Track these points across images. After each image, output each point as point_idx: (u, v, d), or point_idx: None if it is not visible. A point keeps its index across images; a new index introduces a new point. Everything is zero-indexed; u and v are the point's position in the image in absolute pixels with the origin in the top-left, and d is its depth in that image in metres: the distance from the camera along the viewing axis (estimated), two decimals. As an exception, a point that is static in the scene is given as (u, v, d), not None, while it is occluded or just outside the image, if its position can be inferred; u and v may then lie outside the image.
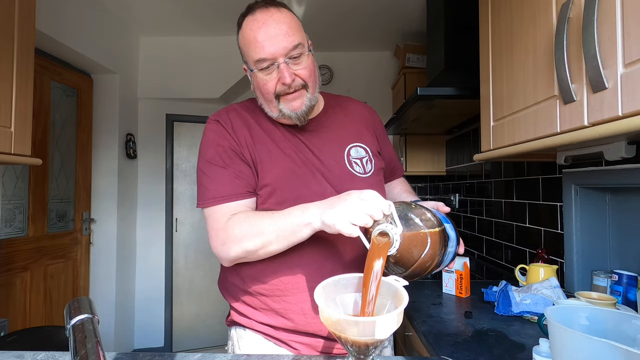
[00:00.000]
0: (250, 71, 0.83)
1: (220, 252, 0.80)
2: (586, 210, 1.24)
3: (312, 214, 0.70)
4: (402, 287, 0.60)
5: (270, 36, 0.76)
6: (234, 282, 0.90)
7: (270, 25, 0.77)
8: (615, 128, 0.62)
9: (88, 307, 0.49)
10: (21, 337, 1.37)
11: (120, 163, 2.72)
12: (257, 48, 0.77)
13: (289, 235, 0.73)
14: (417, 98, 1.58)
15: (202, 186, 0.85)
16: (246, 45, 0.80)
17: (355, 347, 0.54)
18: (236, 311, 0.91)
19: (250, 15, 0.80)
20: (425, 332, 0.98)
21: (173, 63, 2.96)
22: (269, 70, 0.79)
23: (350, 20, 2.66)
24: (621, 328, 0.52)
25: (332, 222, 0.65)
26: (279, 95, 0.81)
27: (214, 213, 0.82)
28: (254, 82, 0.84)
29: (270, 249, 0.76)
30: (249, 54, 0.80)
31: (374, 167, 0.92)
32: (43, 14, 1.92)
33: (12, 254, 2.00)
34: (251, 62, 0.80)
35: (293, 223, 0.72)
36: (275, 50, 0.77)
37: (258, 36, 0.77)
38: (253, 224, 0.76)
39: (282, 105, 0.82)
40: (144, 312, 2.96)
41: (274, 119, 0.88)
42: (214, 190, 0.82)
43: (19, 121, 1.13)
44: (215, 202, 0.81)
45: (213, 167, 0.84)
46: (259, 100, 0.88)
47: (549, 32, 0.82)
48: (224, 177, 0.83)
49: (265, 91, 0.82)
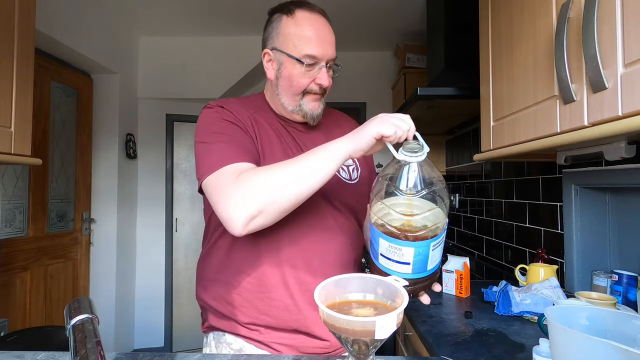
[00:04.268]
0: (292, 59, 0.81)
1: (235, 212, 0.69)
2: (586, 210, 1.24)
3: (339, 142, 0.69)
4: (402, 287, 0.60)
5: (326, 40, 0.82)
6: (217, 279, 0.87)
7: (326, 31, 0.83)
8: (615, 128, 0.62)
9: (88, 307, 0.49)
10: (21, 337, 1.37)
11: (120, 163, 2.72)
12: (311, 44, 0.81)
13: (317, 169, 0.68)
14: (417, 98, 1.58)
15: (207, 156, 0.78)
16: (298, 36, 0.81)
17: (356, 346, 0.54)
18: (216, 313, 0.88)
19: (307, 11, 0.83)
20: (425, 332, 0.99)
21: (173, 63, 2.96)
22: (310, 68, 0.82)
23: (350, 20, 2.66)
24: (621, 328, 0.52)
25: (360, 141, 0.66)
26: (305, 93, 0.85)
27: (221, 175, 0.73)
28: (285, 72, 0.84)
29: (291, 192, 0.68)
30: (299, 45, 0.81)
31: (360, 176, 0.93)
32: (43, 14, 1.92)
33: (12, 254, 2.00)
34: (298, 53, 0.81)
35: (320, 156, 0.69)
36: (325, 54, 0.82)
37: (316, 35, 0.81)
38: (271, 168, 0.71)
39: (304, 101, 0.85)
40: (144, 312, 2.96)
41: (287, 111, 0.88)
42: (222, 155, 0.76)
43: (19, 121, 1.13)
44: (226, 162, 0.74)
45: (219, 136, 0.79)
46: (276, 89, 0.87)
47: (549, 32, 0.82)
48: (234, 142, 0.79)
49: (296, 84, 0.83)
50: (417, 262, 0.68)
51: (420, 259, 0.68)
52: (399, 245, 0.66)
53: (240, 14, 2.59)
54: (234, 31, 2.86)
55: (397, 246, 0.67)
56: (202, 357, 0.73)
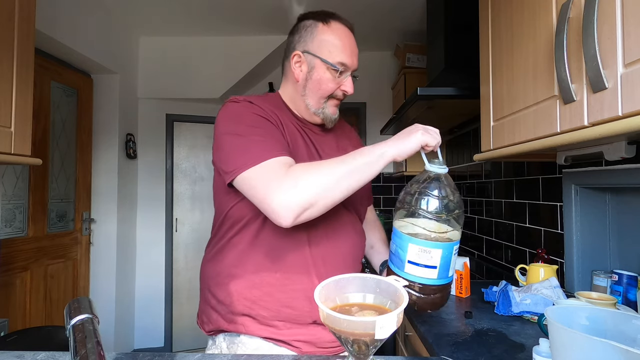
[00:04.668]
0: (326, 63, 0.87)
1: (288, 203, 0.71)
2: (586, 210, 1.24)
3: (384, 146, 0.75)
4: (402, 287, 0.60)
5: (355, 52, 0.91)
6: (234, 275, 0.87)
7: (354, 43, 0.92)
8: (615, 128, 0.62)
9: (88, 307, 0.49)
10: (21, 337, 1.37)
11: (120, 163, 2.72)
12: (345, 53, 0.88)
13: (363, 168, 0.74)
14: (417, 98, 1.58)
15: (243, 148, 0.78)
16: (334, 44, 0.88)
17: (356, 346, 0.54)
18: (230, 312, 0.87)
19: (341, 23, 0.91)
20: (425, 332, 0.98)
21: (173, 63, 2.96)
22: (340, 75, 0.89)
23: (351, 20, 2.66)
24: (621, 328, 0.52)
25: (406, 146, 0.75)
26: (330, 97, 0.91)
27: (269, 166, 0.75)
28: (316, 75, 0.89)
29: (342, 187, 0.73)
30: (335, 52, 0.88)
31: None
32: (43, 14, 1.92)
33: (12, 254, 2.00)
34: (333, 60, 0.87)
35: (366, 158, 0.74)
36: (354, 64, 0.91)
37: (349, 45, 0.90)
38: (323, 164, 0.75)
39: (326, 105, 0.92)
40: (144, 312, 2.96)
41: (309, 112, 0.93)
42: (264, 148, 0.77)
43: (19, 121, 1.13)
44: (271, 155, 0.76)
45: (254, 130, 0.80)
46: (303, 90, 0.91)
47: (549, 32, 0.82)
48: (272, 136, 0.81)
49: (325, 87, 0.89)
50: (442, 266, 0.75)
51: (444, 262, 0.75)
52: (429, 247, 0.73)
53: (240, 14, 2.59)
54: (234, 31, 2.86)
55: (427, 249, 0.73)
56: (202, 357, 0.73)
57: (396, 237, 0.79)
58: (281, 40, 2.93)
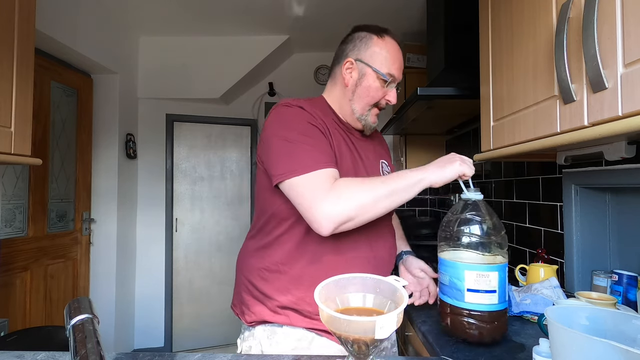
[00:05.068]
0: (377, 73, 0.94)
1: (329, 216, 0.77)
2: (586, 210, 1.24)
3: (423, 172, 0.82)
4: (402, 287, 0.60)
5: (402, 66, 0.99)
6: (281, 270, 0.91)
7: (402, 59, 0.99)
8: (615, 128, 0.62)
9: (88, 307, 0.49)
10: (21, 337, 1.37)
11: (120, 163, 2.72)
12: (394, 66, 0.96)
13: (402, 191, 0.81)
14: (417, 98, 1.58)
15: (292, 155, 0.83)
16: (387, 56, 0.95)
17: (356, 346, 0.54)
18: (276, 305, 0.91)
19: (393, 39, 0.98)
20: (425, 332, 0.98)
21: (173, 63, 2.96)
22: (386, 85, 0.96)
23: (350, 20, 2.65)
24: (621, 328, 0.52)
25: (445, 174, 0.82)
26: (374, 105, 0.97)
27: (317, 177, 0.80)
28: (365, 83, 0.95)
29: (380, 206, 0.80)
30: (387, 64, 0.95)
31: None
32: (43, 14, 1.92)
33: (12, 254, 2.00)
34: (384, 70, 0.94)
35: (406, 181, 0.81)
36: (399, 77, 0.98)
37: (398, 59, 0.97)
38: (365, 182, 0.82)
39: (370, 112, 0.98)
40: (144, 312, 2.96)
41: (353, 117, 0.98)
42: (313, 158, 0.82)
43: (19, 121, 1.13)
44: (319, 166, 0.81)
45: (306, 138, 0.85)
46: (352, 95, 0.97)
47: (549, 32, 0.82)
48: (321, 146, 0.86)
49: (373, 94, 0.96)
50: (500, 289, 0.78)
51: (502, 285, 0.78)
52: (486, 271, 0.77)
53: (240, 14, 2.59)
54: (234, 31, 2.86)
55: (484, 273, 0.77)
56: (202, 357, 0.73)
57: (448, 268, 0.81)
58: (281, 40, 2.93)
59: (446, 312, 0.85)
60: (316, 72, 3.30)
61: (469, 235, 0.80)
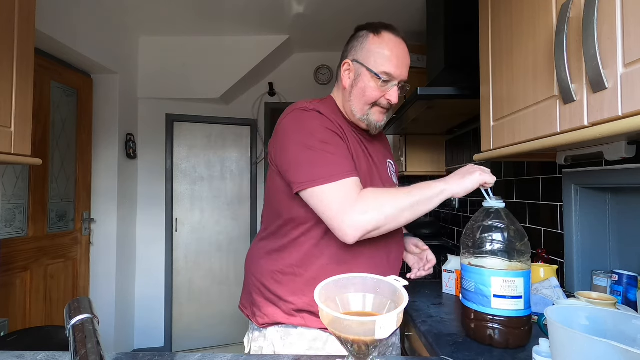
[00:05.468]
0: (371, 72, 0.91)
1: (355, 225, 0.79)
2: (586, 210, 1.24)
3: (444, 184, 0.84)
4: (402, 287, 0.60)
5: (403, 62, 0.94)
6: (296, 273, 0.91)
7: (405, 54, 0.95)
8: (615, 128, 0.62)
9: (88, 307, 0.49)
10: (21, 337, 1.37)
11: (120, 163, 2.72)
12: (391, 63, 0.91)
13: (425, 202, 0.83)
14: (417, 98, 1.58)
15: (315, 163, 0.83)
16: (381, 54, 0.91)
17: (355, 346, 0.54)
18: (290, 307, 0.91)
19: (394, 35, 0.94)
20: (425, 332, 0.98)
21: (173, 63, 2.96)
22: (385, 84, 0.92)
23: (350, 20, 2.66)
24: (621, 328, 0.52)
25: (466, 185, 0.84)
26: (374, 105, 0.94)
27: (343, 187, 0.81)
28: (361, 83, 0.93)
29: (404, 217, 0.82)
30: (381, 62, 0.91)
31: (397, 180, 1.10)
32: (43, 14, 1.92)
33: (12, 254, 2.00)
34: (378, 69, 0.91)
35: (428, 192, 0.83)
36: (400, 75, 0.93)
37: (396, 57, 0.92)
38: (391, 193, 0.84)
39: (371, 112, 0.95)
40: (144, 312, 2.96)
41: (353, 119, 0.97)
42: (337, 167, 0.83)
43: (19, 121, 1.13)
44: (344, 175, 0.82)
45: (327, 146, 0.85)
46: (349, 96, 0.95)
47: (549, 32, 0.82)
48: (342, 153, 0.86)
49: (369, 95, 0.93)
50: (526, 295, 0.79)
51: (527, 291, 0.79)
52: (512, 277, 0.78)
53: (240, 14, 2.59)
54: (234, 31, 2.86)
55: (510, 279, 0.78)
56: (202, 357, 0.73)
57: (474, 275, 0.83)
58: (281, 40, 2.93)
59: (470, 317, 0.86)
60: (316, 72, 3.30)
61: (492, 242, 0.81)
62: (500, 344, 0.82)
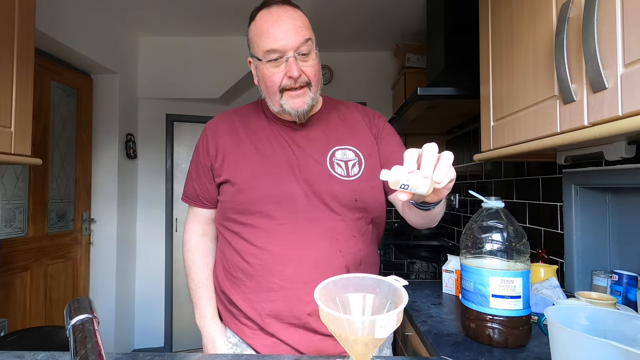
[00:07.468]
0: (258, 60, 0.83)
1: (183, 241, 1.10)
2: (586, 210, 1.24)
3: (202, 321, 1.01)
4: (401, 287, 0.60)
5: (283, 29, 0.79)
6: (238, 266, 0.91)
7: (284, 20, 0.80)
8: (615, 128, 0.62)
9: (88, 307, 0.49)
10: (21, 337, 1.37)
11: (120, 163, 2.72)
12: (269, 39, 0.79)
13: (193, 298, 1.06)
14: (417, 98, 1.58)
15: (186, 179, 1.04)
16: (257, 35, 0.82)
17: (356, 346, 0.54)
18: (231, 304, 0.95)
19: (266, 9, 0.82)
20: (425, 332, 0.98)
21: (173, 63, 2.96)
22: (277, 63, 0.81)
23: (350, 20, 2.66)
24: (621, 328, 0.52)
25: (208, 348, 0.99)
26: (284, 90, 0.83)
27: (190, 210, 1.06)
28: (260, 74, 0.86)
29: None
30: (259, 44, 0.81)
31: (364, 171, 0.89)
32: (43, 14, 1.92)
33: (12, 254, 2.00)
34: (260, 52, 0.82)
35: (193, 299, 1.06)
36: (286, 44, 0.79)
37: (271, 28, 0.79)
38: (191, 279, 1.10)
39: (284, 100, 0.84)
40: (144, 312, 2.96)
41: (275, 113, 0.91)
42: (187, 189, 1.03)
43: (19, 121, 1.13)
44: (187, 200, 1.04)
45: (190, 172, 1.01)
46: (262, 93, 0.91)
47: (549, 32, 0.82)
48: (194, 183, 1.00)
49: (270, 84, 0.83)
50: (524, 294, 0.79)
51: (526, 291, 0.79)
52: (510, 277, 0.78)
53: (241, 14, 2.59)
54: (234, 31, 2.86)
55: (509, 278, 0.78)
56: (202, 357, 0.73)
57: (472, 274, 0.83)
58: (281, 40, 2.92)
59: (470, 317, 0.86)
60: (316, 72, 3.30)
61: (491, 242, 0.81)
62: (499, 344, 0.82)
